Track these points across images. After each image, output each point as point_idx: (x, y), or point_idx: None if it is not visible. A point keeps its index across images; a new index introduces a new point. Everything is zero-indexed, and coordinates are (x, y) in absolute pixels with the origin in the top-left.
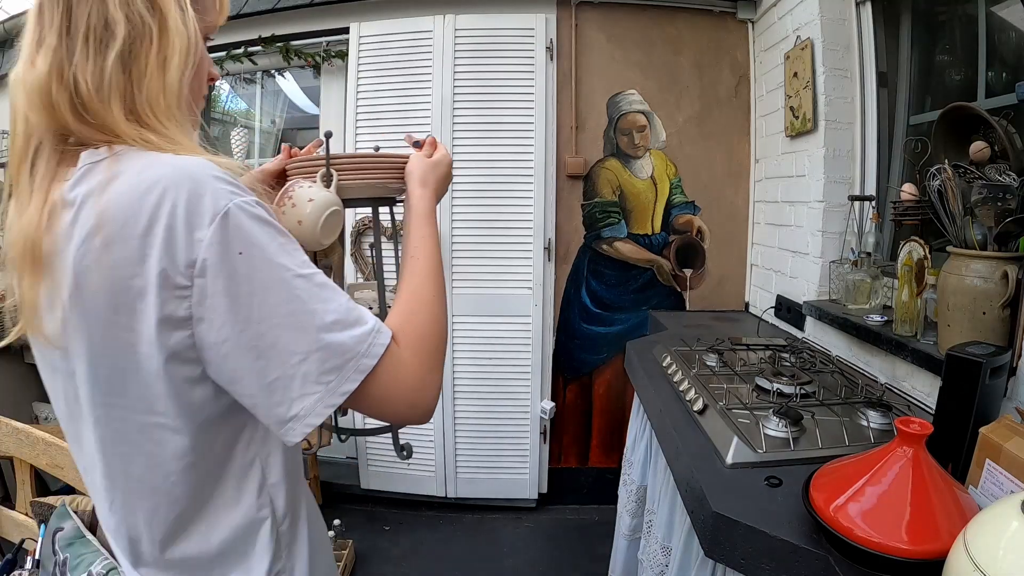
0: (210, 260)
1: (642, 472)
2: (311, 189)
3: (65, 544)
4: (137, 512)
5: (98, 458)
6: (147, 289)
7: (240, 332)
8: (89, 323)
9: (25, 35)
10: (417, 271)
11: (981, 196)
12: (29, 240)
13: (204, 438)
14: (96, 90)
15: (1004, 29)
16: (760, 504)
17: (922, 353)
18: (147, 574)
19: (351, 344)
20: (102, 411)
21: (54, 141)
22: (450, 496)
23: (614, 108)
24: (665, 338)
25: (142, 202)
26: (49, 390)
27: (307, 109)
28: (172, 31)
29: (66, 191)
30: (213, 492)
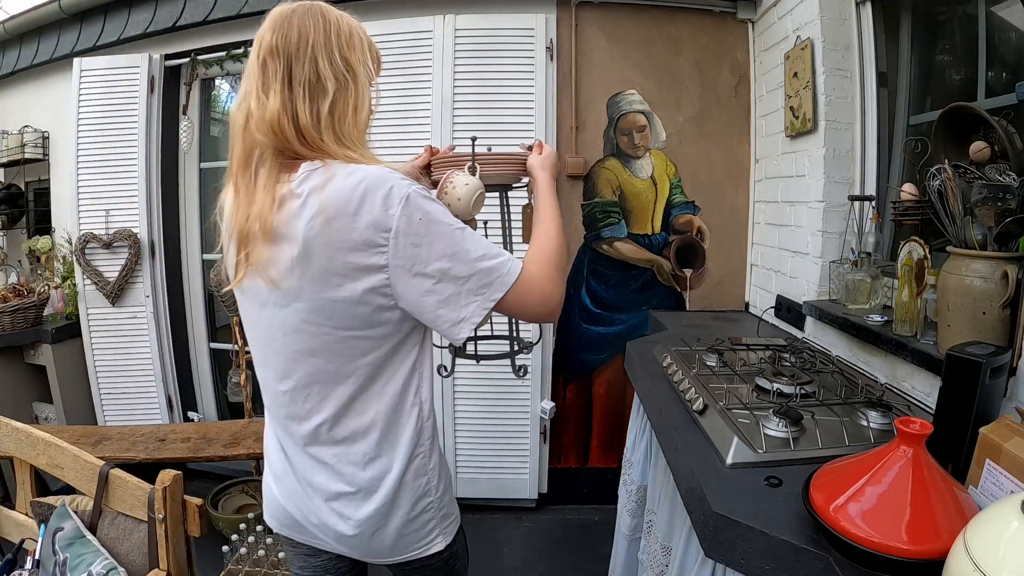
0: (400, 225)
1: (642, 472)
2: (464, 177)
3: (65, 544)
4: (324, 401)
5: (296, 367)
6: (356, 248)
7: (426, 266)
8: (312, 272)
9: (248, 78)
10: (542, 222)
11: (981, 196)
12: (263, 219)
13: (385, 347)
14: (313, 126)
15: (1004, 29)
16: (760, 504)
17: (922, 353)
18: (317, 451)
19: (496, 267)
20: (314, 329)
21: (276, 155)
22: None
23: (614, 108)
24: (665, 338)
25: (352, 194)
26: (250, 321)
27: None
28: (361, 87)
29: (293, 187)
30: (384, 386)
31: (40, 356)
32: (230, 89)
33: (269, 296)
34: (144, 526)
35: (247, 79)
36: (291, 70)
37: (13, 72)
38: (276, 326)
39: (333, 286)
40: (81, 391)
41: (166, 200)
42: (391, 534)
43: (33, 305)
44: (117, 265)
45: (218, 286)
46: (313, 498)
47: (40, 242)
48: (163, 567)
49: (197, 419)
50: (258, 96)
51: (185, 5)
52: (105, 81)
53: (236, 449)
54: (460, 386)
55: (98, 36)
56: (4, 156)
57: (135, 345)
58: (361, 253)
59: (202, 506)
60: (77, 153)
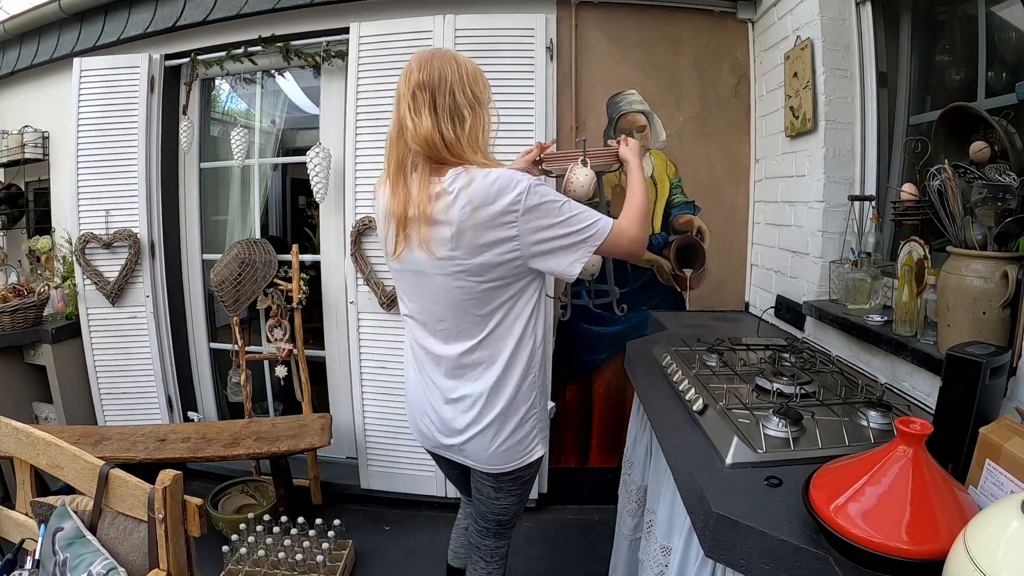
0: (524, 207)
1: (642, 472)
2: (582, 169)
3: (65, 544)
4: (468, 335)
5: (449, 313)
6: (494, 226)
7: (543, 232)
8: (464, 245)
9: (401, 102)
10: (633, 191)
11: (981, 196)
12: (422, 208)
13: (513, 294)
14: (456, 141)
15: (1004, 29)
16: (760, 504)
17: (922, 353)
18: (458, 372)
19: (591, 226)
20: (463, 284)
21: (427, 160)
22: (450, 496)
23: (614, 108)
24: (665, 338)
25: (490, 189)
26: (406, 283)
27: (307, 109)
28: (485, 112)
29: (445, 186)
30: (513, 323)
31: (40, 356)
32: (230, 89)
33: (428, 264)
34: (144, 526)
35: (400, 103)
36: (435, 100)
37: (13, 72)
38: (434, 285)
39: (479, 253)
40: (81, 391)
41: (166, 200)
42: (505, 441)
43: (33, 305)
44: (117, 265)
45: (218, 286)
46: (446, 413)
47: (40, 242)
48: (163, 567)
49: (197, 419)
50: (412, 118)
51: (185, 5)
52: (105, 81)
53: (236, 449)
54: None
55: (98, 36)
56: (4, 156)
57: (135, 345)
58: (498, 229)
59: (202, 506)
60: (77, 153)
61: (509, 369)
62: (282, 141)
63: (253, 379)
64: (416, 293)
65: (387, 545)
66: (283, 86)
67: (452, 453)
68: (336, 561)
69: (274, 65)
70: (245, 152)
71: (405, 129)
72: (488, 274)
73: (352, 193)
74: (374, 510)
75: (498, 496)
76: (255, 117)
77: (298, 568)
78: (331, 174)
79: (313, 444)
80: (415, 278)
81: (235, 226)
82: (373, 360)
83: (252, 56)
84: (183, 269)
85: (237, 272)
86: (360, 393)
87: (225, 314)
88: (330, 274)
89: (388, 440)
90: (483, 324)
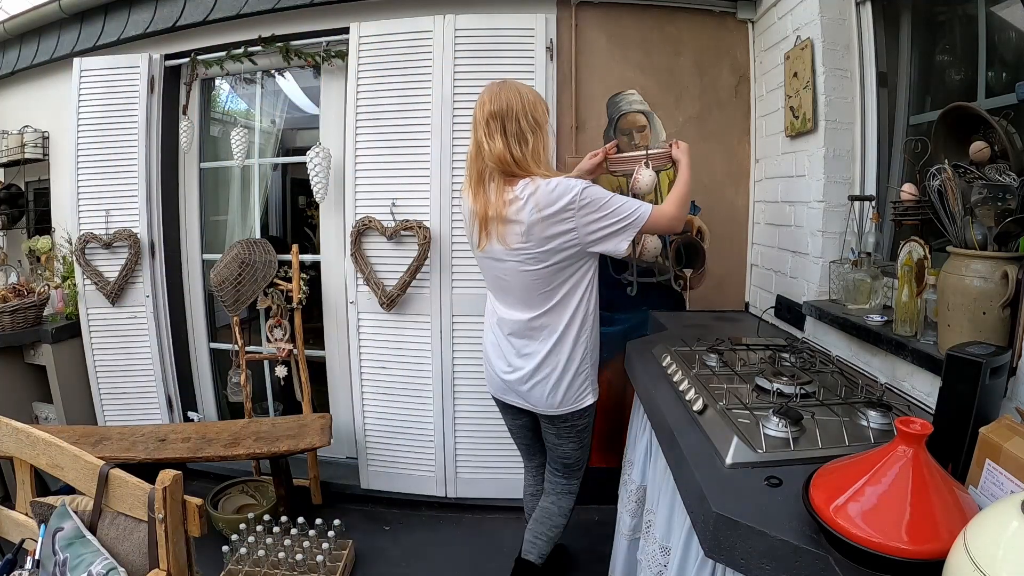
0: (578, 205)
1: (642, 472)
2: (646, 170)
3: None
4: (536, 306)
5: (520, 290)
6: (556, 223)
7: (598, 225)
8: (532, 239)
9: (477, 128)
10: (679, 182)
11: (981, 196)
12: (499, 211)
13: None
14: (523, 158)
15: (1004, 29)
16: (760, 504)
17: (922, 353)
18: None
19: (633, 214)
20: (533, 268)
21: (500, 173)
22: (450, 496)
23: (614, 108)
24: (665, 338)
25: (552, 194)
26: (489, 271)
27: (307, 109)
28: (545, 133)
29: (517, 193)
30: (571, 296)
31: (40, 356)
32: (230, 89)
33: (504, 253)
34: (144, 526)
35: (477, 129)
36: (504, 126)
37: (13, 72)
38: (510, 269)
39: (544, 244)
40: (81, 391)
41: (166, 200)
42: (561, 390)
43: (33, 305)
44: (117, 265)
45: (218, 286)
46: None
47: (40, 242)
48: (163, 567)
49: (197, 419)
50: (487, 141)
51: (185, 5)
52: (105, 81)
53: (236, 449)
54: (460, 386)
55: (98, 36)
56: (4, 156)
57: (135, 345)
58: (559, 224)
59: (202, 506)
60: (77, 153)
61: (566, 333)
62: (282, 141)
63: (253, 379)
64: (495, 275)
65: (387, 545)
66: (283, 86)
67: (520, 399)
68: (336, 561)
69: (274, 65)
70: (245, 152)
71: (482, 149)
72: (551, 259)
73: (352, 193)
74: (374, 510)
75: (560, 442)
76: (255, 117)
77: (298, 568)
78: (331, 174)
79: (313, 444)
80: (495, 264)
81: (235, 226)
82: (373, 360)
83: (252, 56)
84: (183, 269)
85: (237, 272)
86: (360, 393)
87: (225, 314)
88: (330, 274)
89: (388, 440)
90: (547, 298)
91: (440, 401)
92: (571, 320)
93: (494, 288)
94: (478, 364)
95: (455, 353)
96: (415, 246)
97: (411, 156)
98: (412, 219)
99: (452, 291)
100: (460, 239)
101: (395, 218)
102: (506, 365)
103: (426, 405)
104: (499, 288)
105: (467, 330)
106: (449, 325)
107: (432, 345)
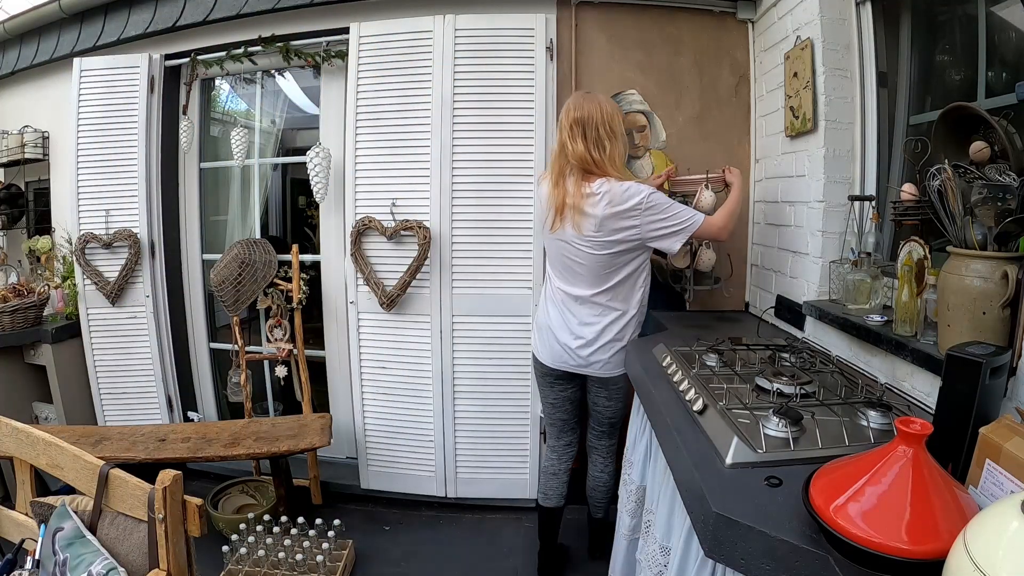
0: (644, 207)
1: (642, 472)
2: (707, 192)
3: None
4: (597, 285)
5: (585, 272)
6: (624, 218)
7: (658, 225)
8: (603, 229)
9: (562, 131)
10: (729, 199)
11: (981, 196)
12: (575, 203)
13: (629, 260)
14: (600, 160)
15: (1004, 29)
16: (760, 504)
17: (922, 353)
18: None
19: (688, 219)
20: (598, 254)
21: (579, 170)
22: (450, 496)
23: None
24: (665, 338)
25: (624, 195)
26: (556, 252)
27: (307, 109)
28: (621, 139)
29: (593, 189)
30: (627, 279)
31: (40, 356)
32: (230, 89)
33: (576, 238)
34: (144, 526)
35: (562, 131)
36: (585, 132)
37: (13, 72)
38: (578, 252)
39: (612, 235)
40: (81, 391)
41: (166, 200)
42: (615, 356)
43: (33, 305)
44: (117, 265)
45: (218, 286)
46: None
47: (40, 242)
48: (163, 567)
49: (197, 419)
50: (570, 142)
51: (185, 5)
52: (105, 81)
53: (236, 449)
54: (460, 386)
55: (98, 36)
56: (4, 156)
57: (135, 345)
58: (627, 219)
59: (202, 506)
60: (77, 153)
61: (623, 307)
62: (282, 141)
63: (253, 379)
64: (563, 254)
65: (387, 545)
66: (283, 86)
67: (579, 364)
68: (336, 561)
69: (274, 65)
70: (245, 152)
71: (565, 148)
72: (615, 248)
73: (352, 193)
74: (374, 510)
75: (609, 403)
76: (255, 117)
77: (298, 568)
78: (331, 174)
79: (313, 444)
80: (563, 245)
81: (235, 226)
82: (373, 360)
83: (252, 56)
84: (183, 269)
85: (237, 272)
86: (360, 393)
87: (225, 314)
88: (330, 274)
89: (388, 440)
90: (608, 278)
91: (440, 401)
92: (627, 299)
93: (559, 267)
94: (478, 364)
95: (455, 353)
96: (415, 246)
97: (411, 156)
98: (412, 219)
99: (452, 291)
100: (460, 238)
101: (395, 218)
102: (570, 334)
103: (426, 405)
104: (564, 266)
105: (467, 330)
106: (449, 325)
107: (432, 345)
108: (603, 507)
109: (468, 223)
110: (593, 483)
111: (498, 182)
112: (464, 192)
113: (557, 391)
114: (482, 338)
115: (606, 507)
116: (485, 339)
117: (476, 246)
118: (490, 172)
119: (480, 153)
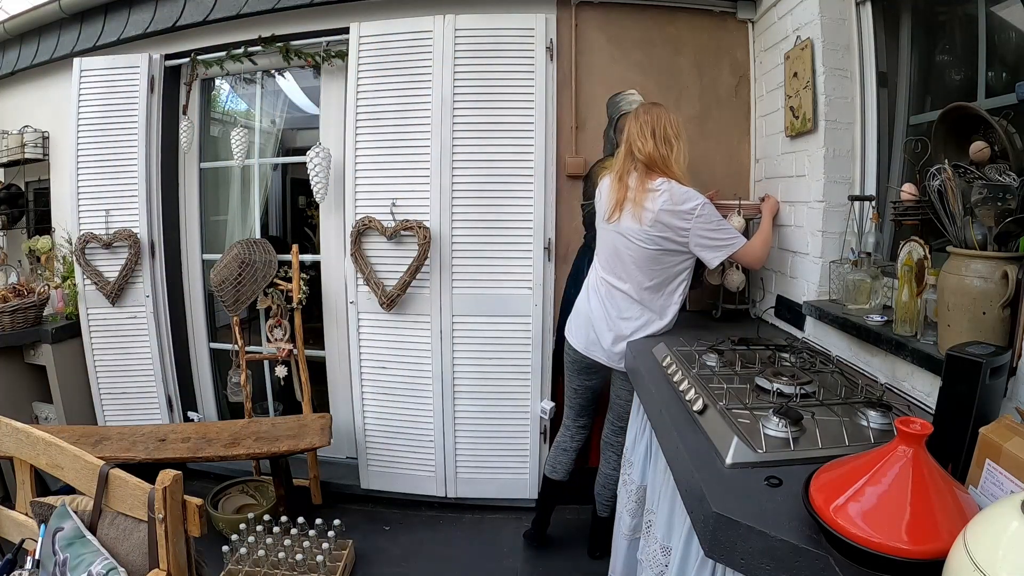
0: (698, 214)
1: (642, 472)
2: (737, 218)
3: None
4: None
5: (630, 264)
6: (679, 219)
7: (706, 236)
8: (658, 224)
9: (631, 128)
10: (761, 230)
11: (981, 196)
12: (638, 197)
13: (672, 263)
14: (664, 159)
15: (1004, 29)
16: (760, 504)
17: (922, 353)
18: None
19: (732, 239)
20: (646, 249)
21: (643, 168)
22: (450, 496)
23: (614, 108)
24: (665, 338)
25: (683, 197)
26: (607, 243)
27: (307, 109)
28: (684, 144)
29: (654, 186)
30: (668, 279)
31: (40, 356)
32: (230, 89)
33: (631, 230)
34: (144, 526)
35: (630, 134)
36: (655, 131)
37: (13, 72)
38: (629, 245)
39: (663, 231)
40: (81, 391)
41: (166, 200)
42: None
43: (33, 305)
44: (117, 265)
45: (218, 286)
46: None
47: (40, 242)
48: (163, 567)
49: (197, 419)
50: (640, 140)
51: (185, 5)
52: (105, 81)
53: (236, 449)
54: (460, 386)
55: (98, 36)
56: (4, 156)
57: (135, 345)
58: (681, 220)
59: (202, 506)
60: (77, 153)
61: (659, 316)
62: (282, 141)
63: (253, 379)
64: (614, 245)
65: (387, 545)
66: (283, 86)
67: (607, 358)
68: (336, 561)
69: (274, 65)
70: (245, 152)
71: (634, 146)
72: (663, 245)
73: (352, 193)
74: (374, 510)
75: (631, 397)
76: (255, 117)
77: (298, 568)
78: (331, 174)
79: (313, 444)
80: (617, 236)
81: (235, 226)
82: (373, 360)
83: (252, 56)
84: (183, 269)
85: (237, 272)
86: (360, 393)
87: (225, 314)
88: (330, 274)
89: (388, 440)
90: (650, 275)
91: (440, 401)
92: (667, 297)
93: (608, 258)
94: (478, 364)
95: (455, 353)
96: (415, 246)
97: (411, 156)
98: (412, 219)
99: (452, 291)
100: (460, 238)
101: (395, 218)
102: (606, 326)
103: (426, 405)
104: (614, 256)
105: (467, 330)
106: (449, 325)
107: (432, 345)
108: (610, 506)
109: (468, 223)
110: (604, 480)
111: (498, 182)
112: (464, 192)
113: (582, 379)
114: (482, 338)
115: (613, 506)
116: (485, 339)
117: (476, 246)
118: (490, 172)
119: (480, 153)
